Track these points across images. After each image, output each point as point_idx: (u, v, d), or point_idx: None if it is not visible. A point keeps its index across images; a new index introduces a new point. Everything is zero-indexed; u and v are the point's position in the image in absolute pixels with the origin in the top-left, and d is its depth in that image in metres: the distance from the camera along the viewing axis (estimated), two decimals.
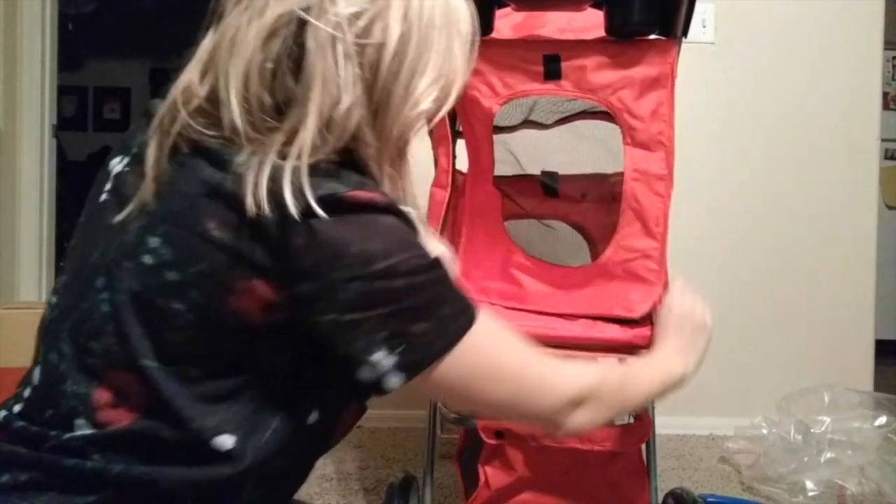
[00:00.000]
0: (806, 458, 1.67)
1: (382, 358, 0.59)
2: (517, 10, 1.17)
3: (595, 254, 1.56)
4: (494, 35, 1.13)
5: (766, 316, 2.15)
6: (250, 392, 0.62)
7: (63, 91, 2.29)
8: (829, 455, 1.66)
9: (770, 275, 2.15)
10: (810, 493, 1.61)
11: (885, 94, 2.77)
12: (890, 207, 3.25)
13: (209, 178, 0.60)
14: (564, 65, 1.10)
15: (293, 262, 0.58)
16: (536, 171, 1.54)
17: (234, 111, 0.60)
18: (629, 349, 1.06)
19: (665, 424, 2.09)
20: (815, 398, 1.81)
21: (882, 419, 1.75)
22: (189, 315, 0.59)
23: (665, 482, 1.74)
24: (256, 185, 0.58)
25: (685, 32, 1.08)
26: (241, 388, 0.62)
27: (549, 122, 1.52)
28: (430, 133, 1.29)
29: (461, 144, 1.35)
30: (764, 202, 2.14)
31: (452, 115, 1.25)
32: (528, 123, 1.53)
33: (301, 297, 0.59)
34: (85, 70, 4.65)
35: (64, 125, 3.04)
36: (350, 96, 0.61)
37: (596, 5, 1.10)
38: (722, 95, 2.12)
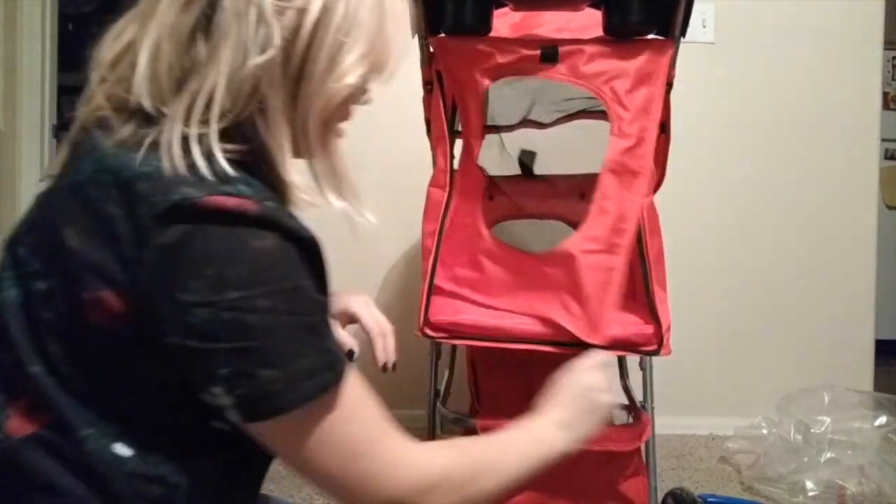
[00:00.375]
0: (806, 458, 1.67)
1: (220, 394, 0.53)
2: (515, 9, 1.17)
3: None
4: (492, 34, 1.13)
5: (766, 316, 2.15)
6: (143, 407, 0.57)
7: (63, 91, 2.28)
8: (829, 455, 1.66)
9: (770, 275, 2.15)
10: (810, 493, 1.61)
11: (885, 94, 2.77)
12: (890, 207, 3.24)
13: (75, 179, 0.57)
14: (562, 50, 1.10)
15: (142, 275, 0.52)
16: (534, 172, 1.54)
17: (141, 87, 0.57)
18: (628, 346, 1.06)
19: (665, 424, 2.08)
20: (815, 398, 1.80)
21: (882, 419, 1.75)
22: (59, 325, 0.55)
23: (665, 482, 1.74)
24: (115, 187, 0.53)
25: (683, 32, 1.08)
26: (132, 403, 0.57)
27: (548, 121, 1.52)
28: (428, 133, 1.29)
29: (461, 144, 1.36)
30: (764, 202, 2.14)
31: (451, 115, 1.25)
32: (526, 122, 1.53)
33: (146, 314, 0.53)
34: (85, 70, 4.65)
35: (64, 125, 3.04)
36: (260, 57, 0.56)
37: (594, 5, 1.10)
38: (722, 95, 2.12)
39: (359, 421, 0.59)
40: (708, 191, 2.13)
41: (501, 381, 1.29)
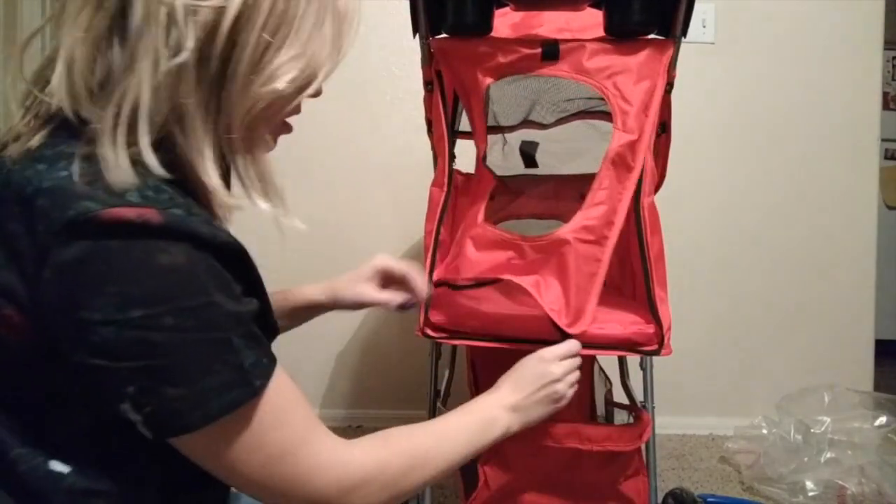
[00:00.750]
0: (806, 458, 1.67)
1: (129, 410, 0.52)
2: (516, 9, 1.17)
3: None
4: (493, 34, 1.13)
5: (767, 316, 2.15)
6: (73, 421, 0.55)
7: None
8: (829, 455, 1.66)
9: (770, 275, 2.15)
10: (810, 493, 1.61)
11: (885, 94, 2.77)
12: (890, 207, 3.24)
13: None
14: (563, 47, 1.10)
15: (43, 294, 0.50)
16: (535, 172, 1.54)
17: (57, 94, 0.55)
18: (629, 346, 1.05)
19: (665, 424, 2.09)
20: (815, 398, 1.80)
21: (882, 419, 1.75)
22: None
23: (665, 482, 1.74)
24: (17, 203, 0.51)
25: (684, 32, 1.08)
26: (61, 418, 0.55)
27: (549, 121, 1.52)
28: (429, 133, 1.29)
29: (461, 144, 1.36)
30: (764, 202, 2.14)
31: (452, 115, 1.25)
32: (527, 123, 1.53)
33: (50, 332, 0.51)
34: None
35: None
36: (172, 61, 0.53)
37: (595, 5, 1.10)
38: (722, 95, 2.12)
39: (282, 426, 0.58)
40: (708, 190, 2.13)
41: None
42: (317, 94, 0.63)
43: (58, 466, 0.55)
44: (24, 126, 0.58)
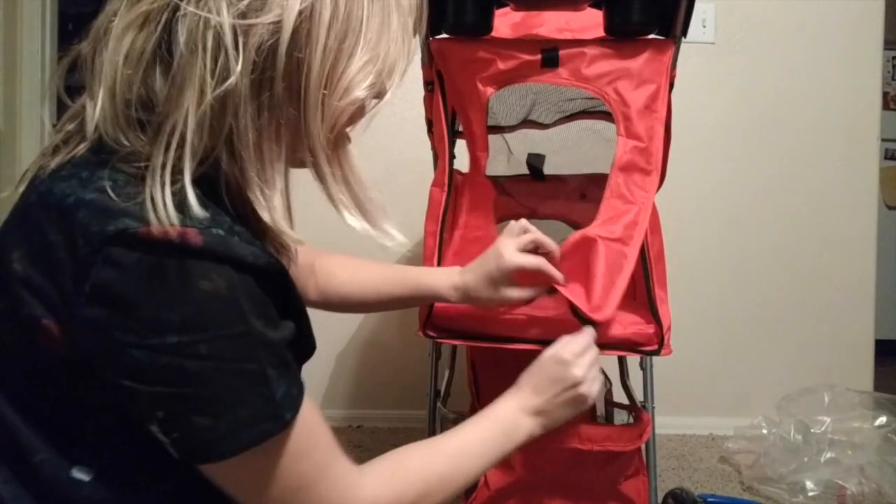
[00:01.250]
0: (806, 458, 1.67)
1: (157, 432, 0.51)
2: (516, 9, 1.17)
3: None
4: (493, 34, 1.13)
5: (766, 316, 2.15)
6: (98, 431, 0.55)
7: (63, 91, 2.28)
8: (829, 455, 1.66)
9: (770, 274, 2.15)
10: (810, 493, 1.61)
11: (885, 94, 2.77)
12: (890, 207, 3.25)
13: (27, 201, 0.54)
14: (562, 54, 1.09)
15: (78, 309, 0.49)
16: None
17: (91, 119, 0.53)
18: (629, 346, 1.06)
19: (665, 424, 2.08)
20: (815, 398, 1.80)
21: (882, 419, 1.74)
22: (10, 347, 0.53)
23: (665, 482, 1.74)
24: (57, 212, 0.50)
25: (684, 32, 1.08)
26: (87, 427, 0.54)
27: (549, 121, 1.52)
28: (430, 133, 1.29)
29: (461, 144, 1.36)
30: (763, 202, 2.14)
31: (452, 115, 1.25)
32: (527, 123, 1.53)
33: (84, 346, 0.51)
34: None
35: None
36: (219, 88, 0.50)
37: (595, 5, 1.10)
38: (722, 95, 2.12)
39: (304, 458, 0.57)
40: (707, 191, 2.13)
41: (501, 381, 1.29)
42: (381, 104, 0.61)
43: (79, 474, 0.54)
44: (64, 138, 0.57)
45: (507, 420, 0.80)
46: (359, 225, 0.59)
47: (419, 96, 1.26)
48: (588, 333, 0.91)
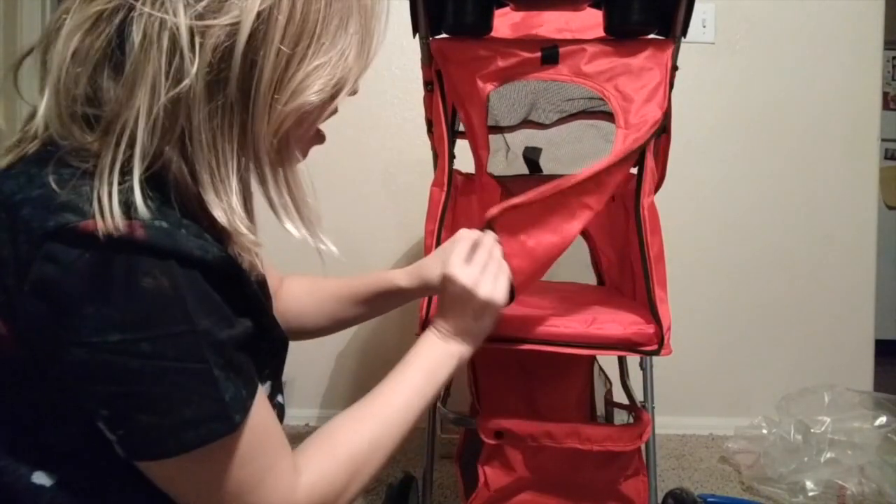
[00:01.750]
0: (806, 458, 1.67)
1: (104, 429, 0.50)
2: (516, 9, 1.17)
3: (594, 254, 1.56)
4: (493, 34, 1.13)
5: (766, 316, 2.15)
6: (56, 433, 0.53)
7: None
8: (829, 455, 1.66)
9: (769, 274, 2.15)
10: (810, 493, 1.61)
11: (885, 94, 2.77)
12: (890, 207, 3.25)
13: None
14: (562, 51, 1.09)
15: (23, 306, 0.48)
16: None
17: (39, 116, 0.53)
18: (629, 346, 1.05)
19: (665, 424, 2.09)
20: (815, 398, 1.80)
21: (882, 419, 1.74)
22: None
23: (665, 482, 1.74)
24: (3, 210, 0.49)
25: (684, 32, 1.08)
26: (44, 430, 0.53)
27: (549, 121, 1.52)
28: (429, 133, 1.29)
29: (461, 144, 1.36)
30: (763, 202, 2.14)
31: (452, 115, 1.25)
32: (527, 123, 1.53)
33: (29, 343, 0.49)
34: None
35: None
36: (174, 90, 0.49)
37: (595, 5, 1.10)
38: (722, 95, 2.12)
39: (251, 461, 0.55)
40: (708, 190, 2.13)
41: (501, 381, 1.29)
42: (353, 93, 0.60)
43: (40, 479, 0.53)
44: (19, 137, 0.56)
45: (428, 357, 0.77)
46: (297, 232, 0.59)
47: (419, 96, 1.26)
48: (466, 237, 0.87)
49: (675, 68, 1.12)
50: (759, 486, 1.69)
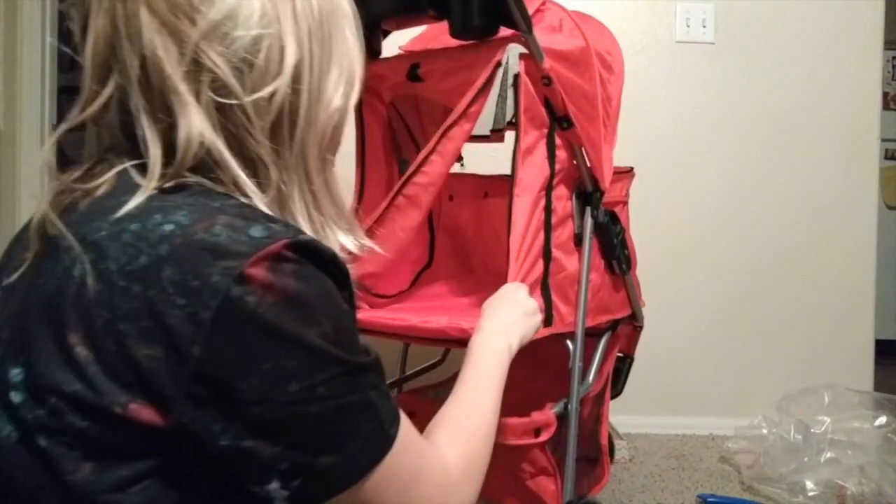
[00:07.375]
0: (806, 458, 1.67)
1: (274, 489, 0.49)
2: (397, 29, 1.24)
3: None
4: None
5: (766, 316, 2.15)
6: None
7: (63, 91, 2.28)
8: (829, 455, 1.66)
9: (770, 275, 2.15)
10: (810, 493, 1.61)
11: (885, 94, 2.77)
12: (890, 207, 3.24)
13: (63, 263, 0.49)
14: (422, 70, 1.18)
15: (188, 376, 0.46)
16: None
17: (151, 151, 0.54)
18: (445, 340, 1.10)
19: (665, 424, 2.09)
20: (815, 398, 1.80)
21: (882, 419, 1.74)
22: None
23: (665, 482, 1.75)
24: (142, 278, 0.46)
25: (528, 27, 1.06)
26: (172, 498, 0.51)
27: (486, 132, 1.53)
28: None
29: (464, 146, 1.37)
30: (763, 202, 2.14)
31: (386, 128, 1.38)
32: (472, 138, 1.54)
33: (185, 417, 0.47)
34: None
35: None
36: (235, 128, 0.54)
37: (436, 17, 1.12)
38: (722, 95, 2.12)
39: (406, 463, 0.57)
40: (707, 190, 2.13)
41: (508, 378, 1.29)
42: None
43: None
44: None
45: (494, 355, 0.85)
46: (351, 243, 0.62)
47: None
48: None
49: (540, 59, 1.10)
50: (759, 486, 1.69)
